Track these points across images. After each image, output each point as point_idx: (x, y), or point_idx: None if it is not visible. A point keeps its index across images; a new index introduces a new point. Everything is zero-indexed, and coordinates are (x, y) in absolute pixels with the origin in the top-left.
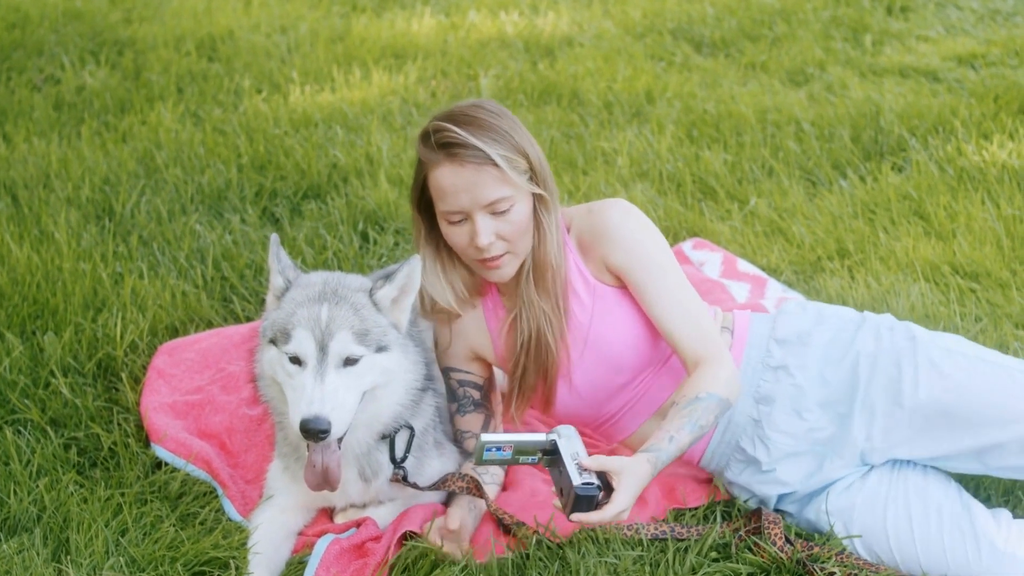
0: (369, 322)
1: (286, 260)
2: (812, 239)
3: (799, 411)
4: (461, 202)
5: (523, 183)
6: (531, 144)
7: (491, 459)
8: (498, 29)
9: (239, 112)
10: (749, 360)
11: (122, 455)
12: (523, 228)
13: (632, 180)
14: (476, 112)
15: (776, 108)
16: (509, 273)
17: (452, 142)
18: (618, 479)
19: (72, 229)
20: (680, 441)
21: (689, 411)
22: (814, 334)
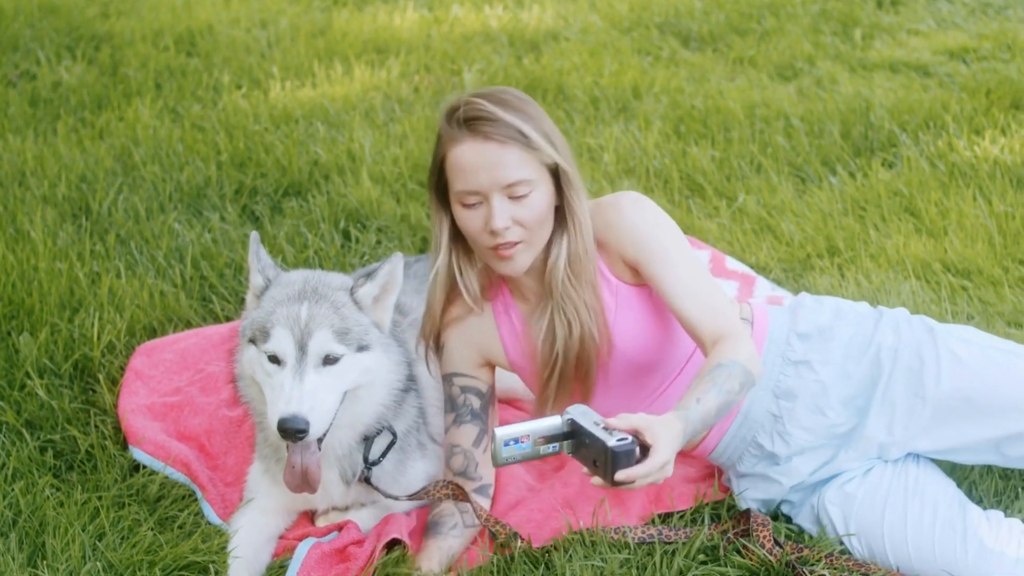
0: (350, 321)
1: (266, 259)
2: (801, 236)
3: (822, 408)
4: (480, 181)
5: (546, 170)
6: (558, 135)
7: (511, 455)
8: (482, 23)
9: (218, 108)
10: (769, 353)
11: (99, 458)
12: (541, 216)
13: (618, 177)
14: (504, 94)
15: (765, 103)
16: (522, 265)
17: (479, 116)
18: (651, 434)
19: (48, 228)
20: (707, 404)
21: (712, 376)
22: (836, 328)
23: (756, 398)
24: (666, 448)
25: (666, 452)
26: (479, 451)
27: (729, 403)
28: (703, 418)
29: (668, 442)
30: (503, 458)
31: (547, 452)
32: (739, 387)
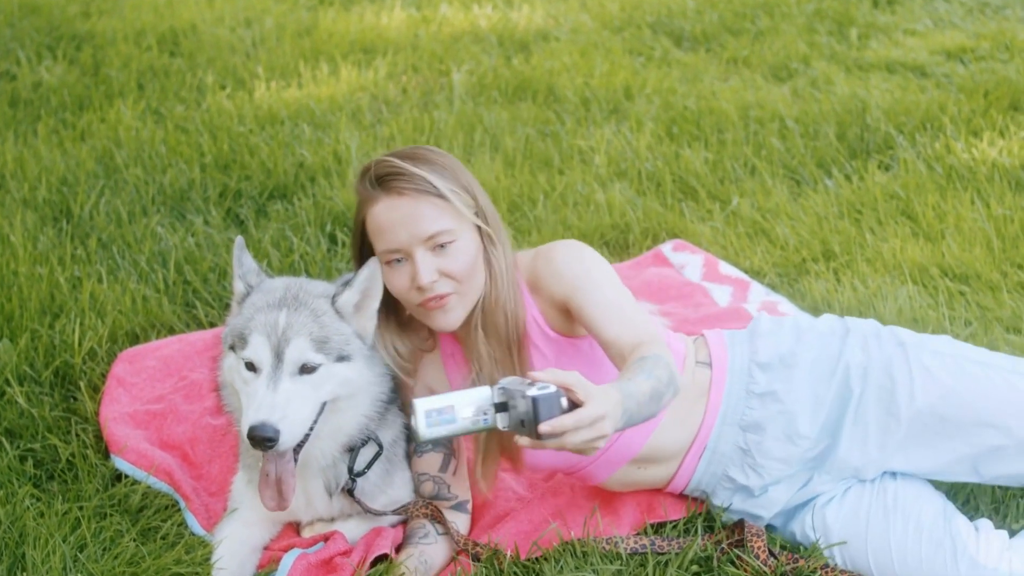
0: (329, 329)
1: (249, 264)
2: (796, 240)
3: (791, 437)
4: (400, 237)
5: (468, 214)
6: (477, 186)
7: (435, 431)
8: (471, 23)
9: (202, 109)
10: (732, 389)
11: (80, 467)
12: (469, 266)
13: (610, 179)
14: (418, 150)
15: (759, 104)
16: (456, 318)
17: (390, 172)
18: (583, 390)
19: (28, 231)
20: (640, 385)
21: (640, 364)
22: (798, 354)
23: (723, 432)
24: (599, 404)
25: (598, 407)
26: (448, 474)
27: (659, 393)
28: (638, 397)
29: (601, 400)
30: (427, 434)
31: (478, 426)
32: (667, 380)
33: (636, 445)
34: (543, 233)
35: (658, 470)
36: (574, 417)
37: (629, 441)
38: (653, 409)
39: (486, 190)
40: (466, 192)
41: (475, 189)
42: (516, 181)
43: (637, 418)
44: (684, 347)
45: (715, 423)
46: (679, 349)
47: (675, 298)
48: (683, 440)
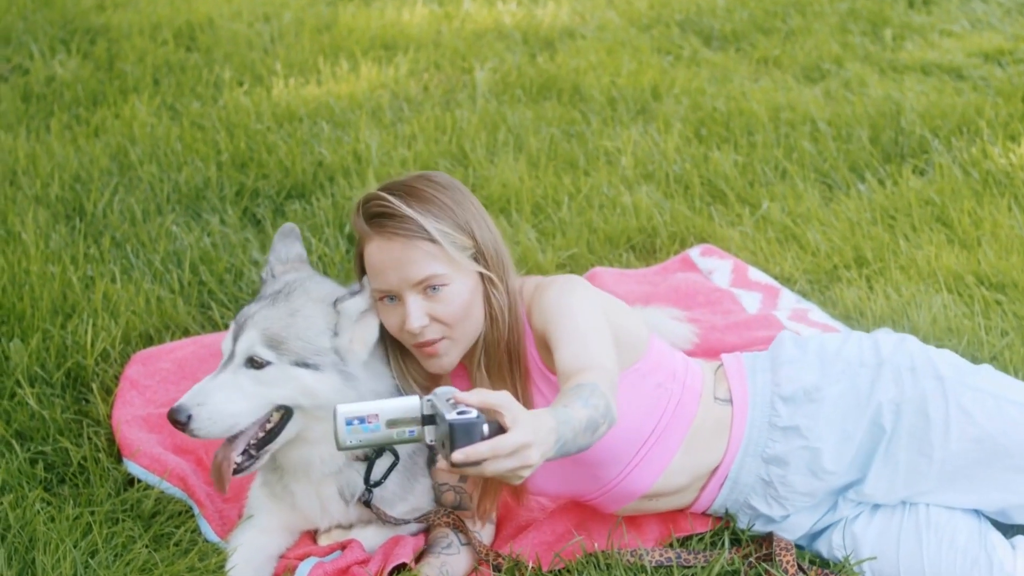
0: (294, 331)
1: (281, 253)
2: (828, 246)
3: (815, 472)
4: (390, 280)
5: (463, 260)
6: (481, 221)
7: (357, 438)
8: (495, 19)
9: (219, 106)
10: (754, 422)
11: (92, 471)
12: (461, 311)
13: (636, 182)
14: (417, 182)
15: (790, 106)
16: (449, 362)
17: (381, 212)
18: (510, 415)
19: (40, 229)
20: (576, 412)
21: (576, 391)
22: (823, 387)
23: (745, 463)
24: (524, 431)
25: (521, 435)
26: (469, 484)
27: (595, 423)
28: (574, 425)
29: (528, 426)
30: (346, 441)
31: (402, 437)
32: (604, 410)
33: (645, 484)
34: (568, 236)
35: (674, 500)
36: (490, 445)
37: (637, 480)
38: (588, 440)
39: (509, 191)
40: (463, 233)
41: (475, 225)
42: (540, 182)
43: (571, 447)
44: (700, 378)
45: (736, 456)
46: (695, 382)
47: (703, 304)
48: (701, 473)
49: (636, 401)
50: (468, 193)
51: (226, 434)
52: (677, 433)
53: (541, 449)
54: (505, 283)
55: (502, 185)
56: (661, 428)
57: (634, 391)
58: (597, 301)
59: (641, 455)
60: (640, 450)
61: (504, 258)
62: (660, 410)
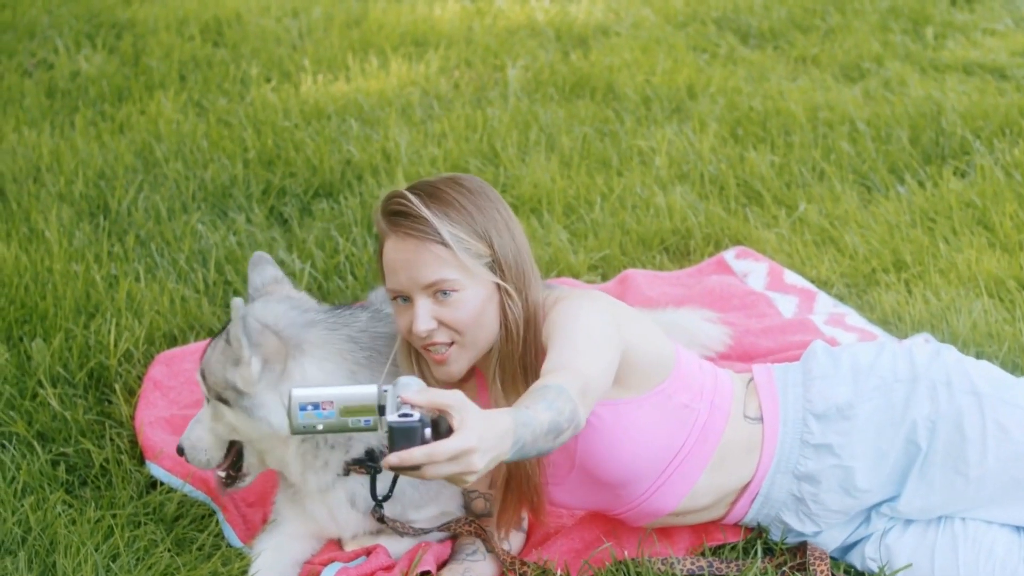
0: (209, 365)
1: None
2: (866, 249)
3: (848, 490)
4: (400, 280)
5: (477, 268)
6: (503, 230)
7: (311, 423)
8: (527, 16)
9: (246, 102)
10: (785, 439)
11: (114, 473)
12: (470, 318)
13: (671, 182)
14: (443, 184)
15: (828, 106)
16: (458, 369)
17: (398, 211)
18: (459, 416)
19: (64, 227)
20: (538, 415)
21: (541, 393)
22: (856, 405)
23: (776, 479)
24: (470, 435)
25: (463, 440)
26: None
27: (559, 428)
28: (535, 428)
29: (476, 429)
30: (299, 424)
31: (357, 426)
32: (569, 415)
33: (670, 504)
34: (600, 237)
35: (704, 515)
36: (425, 451)
37: (662, 500)
38: (550, 444)
39: (540, 191)
40: (479, 239)
41: (494, 233)
42: (572, 182)
43: (531, 451)
44: (730, 394)
45: (767, 473)
46: (723, 400)
47: (737, 308)
48: (730, 491)
49: (661, 422)
50: (497, 200)
51: (207, 467)
52: (704, 453)
53: (489, 455)
54: (524, 295)
55: (533, 185)
56: (687, 449)
57: (659, 412)
58: (610, 318)
59: (666, 476)
60: (665, 470)
61: (525, 269)
62: (686, 431)
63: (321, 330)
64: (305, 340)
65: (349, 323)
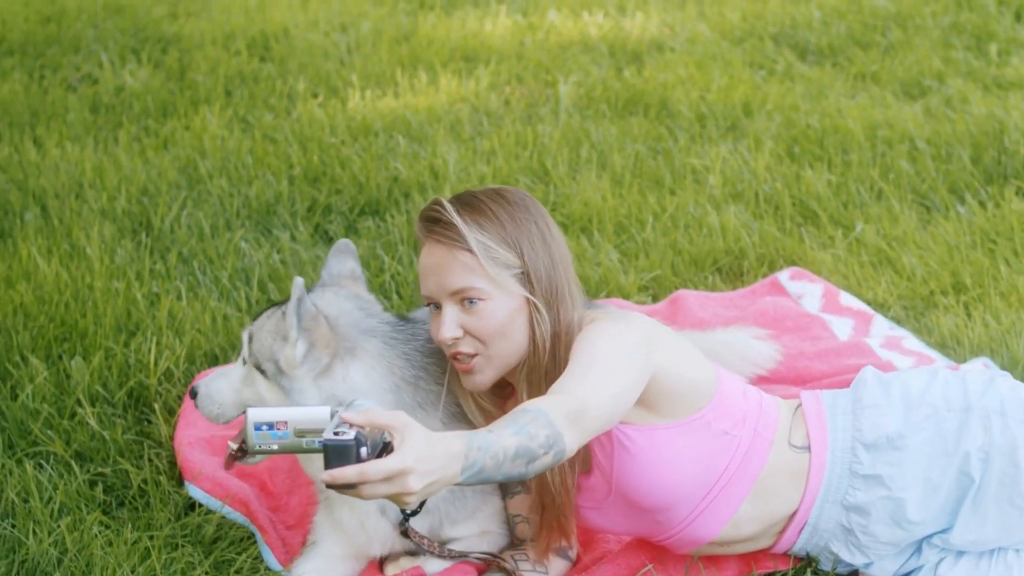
0: (259, 332)
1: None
2: (924, 271)
3: (899, 522)
4: (429, 286)
5: (504, 279)
6: (537, 243)
7: (266, 443)
8: (580, 31)
9: (292, 118)
10: (834, 469)
11: (152, 494)
12: (496, 329)
13: (724, 201)
14: (483, 194)
15: (888, 124)
16: (483, 381)
17: (432, 217)
18: (399, 436)
19: (105, 244)
20: (502, 440)
21: (513, 417)
22: (907, 435)
23: (824, 510)
24: (406, 455)
25: (403, 460)
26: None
27: (531, 453)
28: (495, 453)
29: (414, 450)
30: (254, 444)
31: (312, 447)
32: (544, 441)
33: (711, 532)
34: (651, 257)
35: (750, 545)
36: (357, 469)
37: (702, 528)
38: (522, 469)
39: (591, 210)
40: (509, 250)
41: (526, 245)
42: (624, 201)
43: (494, 475)
44: (775, 421)
45: (815, 503)
46: (767, 428)
47: (791, 330)
48: (775, 521)
49: (699, 449)
50: (539, 214)
51: (214, 421)
52: (745, 481)
53: (428, 477)
54: (556, 311)
55: (584, 204)
56: (728, 476)
57: (697, 439)
58: (639, 342)
59: (706, 503)
60: (705, 498)
61: (558, 285)
62: (727, 459)
63: (379, 341)
64: (359, 345)
65: (408, 339)
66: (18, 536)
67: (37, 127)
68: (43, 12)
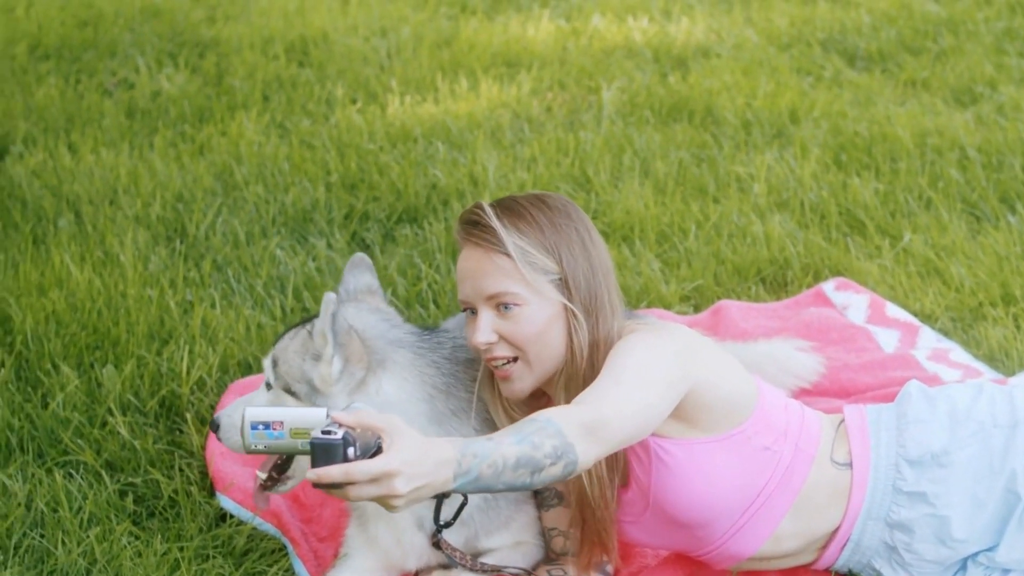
0: (285, 355)
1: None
2: (973, 282)
3: (944, 540)
4: (466, 289)
5: (541, 284)
6: (576, 250)
7: (262, 444)
8: (625, 36)
9: (330, 124)
10: (877, 485)
11: (183, 504)
12: (532, 335)
13: (769, 210)
14: (524, 198)
15: (938, 131)
16: (522, 388)
17: (473, 220)
18: (388, 439)
19: (139, 251)
20: (502, 448)
21: (520, 425)
22: (952, 452)
23: (867, 527)
24: (393, 458)
25: (389, 462)
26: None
27: (535, 463)
28: (494, 461)
29: (403, 453)
30: (250, 444)
31: (307, 449)
32: (551, 451)
33: (750, 547)
34: (693, 267)
35: (791, 561)
36: (343, 469)
37: (741, 543)
38: (527, 479)
39: (633, 218)
40: (548, 255)
41: (565, 252)
42: (666, 209)
43: (496, 484)
44: (818, 436)
45: (857, 520)
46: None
47: (836, 342)
48: (816, 537)
49: (739, 464)
50: (580, 221)
51: (239, 450)
52: (786, 497)
53: (415, 481)
54: (594, 319)
55: (625, 212)
56: (768, 492)
57: (736, 454)
58: (676, 355)
59: (746, 518)
60: (744, 513)
61: (597, 293)
62: (767, 474)
63: (407, 351)
64: (389, 357)
65: (435, 348)
66: (47, 546)
67: (72, 132)
68: (80, 16)
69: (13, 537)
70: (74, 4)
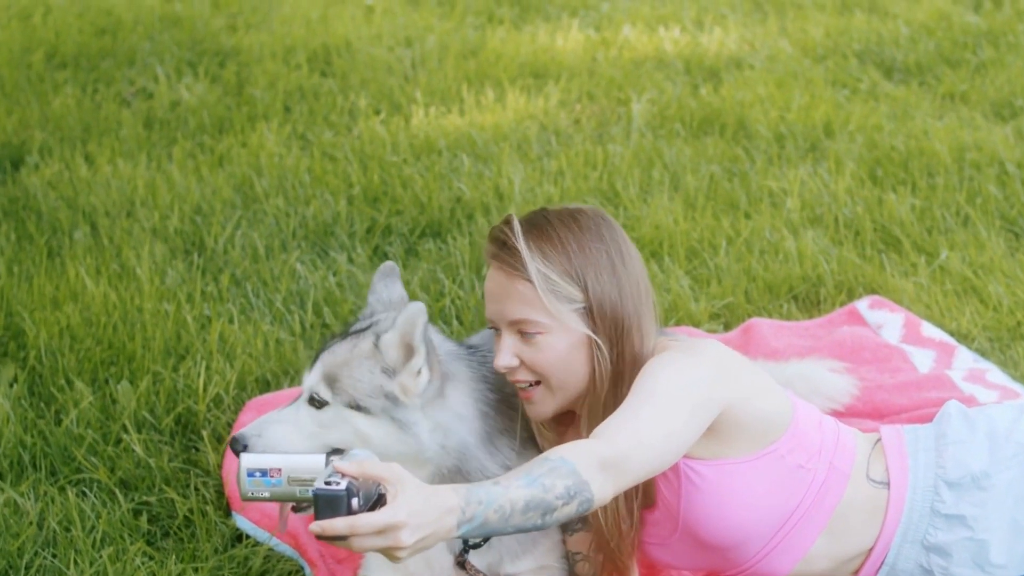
0: (347, 369)
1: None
2: (1011, 301)
3: (982, 565)
4: (491, 311)
5: (565, 314)
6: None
7: (258, 490)
8: (655, 47)
9: (353, 135)
10: (914, 506)
11: (199, 524)
12: (553, 363)
13: (802, 226)
14: (556, 216)
15: (976, 146)
16: (544, 411)
17: (500, 238)
18: (392, 489)
19: (156, 265)
20: (510, 492)
21: (530, 466)
22: (992, 474)
23: (903, 550)
24: (399, 509)
25: (395, 514)
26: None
27: (546, 505)
28: (501, 506)
29: (408, 504)
30: (247, 491)
31: (305, 496)
32: (564, 492)
33: (783, 568)
34: (724, 284)
35: None
36: (347, 522)
37: (775, 563)
38: (536, 522)
39: (662, 233)
40: (572, 283)
41: (591, 278)
42: (696, 224)
43: (505, 528)
44: (853, 455)
45: (892, 542)
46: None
47: (870, 361)
48: (849, 558)
49: (772, 483)
50: (613, 241)
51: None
52: (819, 516)
53: (421, 532)
54: (619, 347)
55: (655, 227)
56: (802, 511)
57: (769, 473)
58: (707, 376)
59: (779, 539)
60: (777, 533)
61: (624, 320)
62: (801, 493)
63: (463, 365)
64: (451, 370)
65: (483, 363)
66: (59, 566)
67: (89, 143)
68: (98, 24)
69: (24, 557)
70: (92, 11)
